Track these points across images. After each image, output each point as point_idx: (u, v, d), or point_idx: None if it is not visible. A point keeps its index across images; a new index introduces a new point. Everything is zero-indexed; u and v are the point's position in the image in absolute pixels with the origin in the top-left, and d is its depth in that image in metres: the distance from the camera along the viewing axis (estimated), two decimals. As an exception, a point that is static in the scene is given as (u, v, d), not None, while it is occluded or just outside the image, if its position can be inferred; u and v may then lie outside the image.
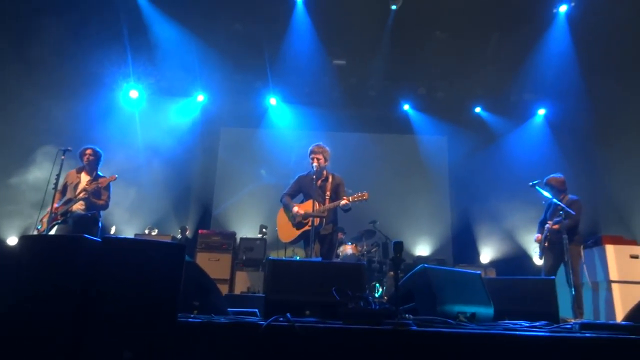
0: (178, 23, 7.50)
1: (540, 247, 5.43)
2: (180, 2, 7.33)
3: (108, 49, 7.55)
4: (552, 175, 5.45)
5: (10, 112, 6.77)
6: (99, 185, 5.09)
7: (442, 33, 7.68)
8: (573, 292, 4.80)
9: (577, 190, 5.76)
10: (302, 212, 4.79)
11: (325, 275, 2.74)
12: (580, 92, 7.72)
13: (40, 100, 6.91)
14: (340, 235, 7.00)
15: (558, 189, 5.34)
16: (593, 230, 6.75)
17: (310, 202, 4.73)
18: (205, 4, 7.23)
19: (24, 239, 1.88)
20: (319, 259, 4.58)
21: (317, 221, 4.60)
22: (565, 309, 5.10)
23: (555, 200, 5.23)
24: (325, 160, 4.90)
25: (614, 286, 5.48)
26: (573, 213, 4.99)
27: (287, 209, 4.95)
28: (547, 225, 5.32)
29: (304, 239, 4.90)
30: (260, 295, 5.38)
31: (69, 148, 4.99)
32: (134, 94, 8.57)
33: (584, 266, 5.84)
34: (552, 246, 5.25)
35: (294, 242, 5.05)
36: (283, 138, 9.07)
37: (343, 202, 4.65)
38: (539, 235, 5.49)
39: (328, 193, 4.84)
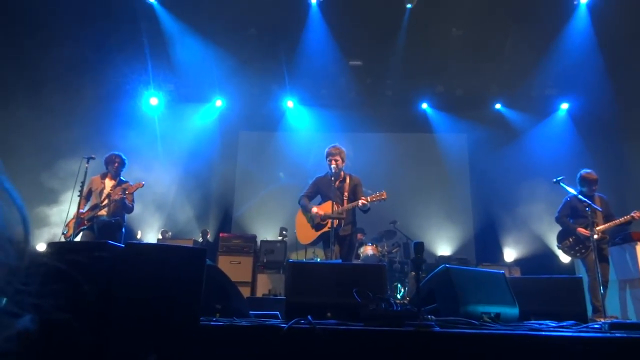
0: (195, 30, 7.62)
1: (590, 244, 5.03)
2: (196, 10, 7.44)
3: (129, 58, 7.74)
4: (585, 171, 5.34)
5: (34, 123, 6.96)
6: (127, 192, 5.20)
7: (459, 30, 7.58)
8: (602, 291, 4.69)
9: (604, 185, 5.60)
10: (321, 212, 4.78)
11: (346, 277, 2.73)
12: (604, 85, 7.50)
13: (63, 110, 7.10)
14: (360, 236, 6.97)
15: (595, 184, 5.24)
16: (621, 227, 6.54)
17: (328, 203, 4.73)
18: (220, 10, 7.32)
19: (51, 245, 1.93)
20: (339, 260, 4.56)
21: (336, 222, 4.60)
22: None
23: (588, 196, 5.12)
24: (343, 161, 4.89)
25: (645, 284, 5.30)
26: None
27: (306, 210, 4.95)
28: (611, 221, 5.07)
29: (323, 241, 4.89)
30: (282, 297, 5.39)
31: (93, 156, 5.13)
32: (154, 100, 8.74)
33: (612, 264, 5.67)
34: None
35: (313, 244, 5.05)
36: (301, 140, 9.11)
37: (361, 202, 4.64)
38: (583, 229, 5.17)
39: (346, 194, 4.82)
